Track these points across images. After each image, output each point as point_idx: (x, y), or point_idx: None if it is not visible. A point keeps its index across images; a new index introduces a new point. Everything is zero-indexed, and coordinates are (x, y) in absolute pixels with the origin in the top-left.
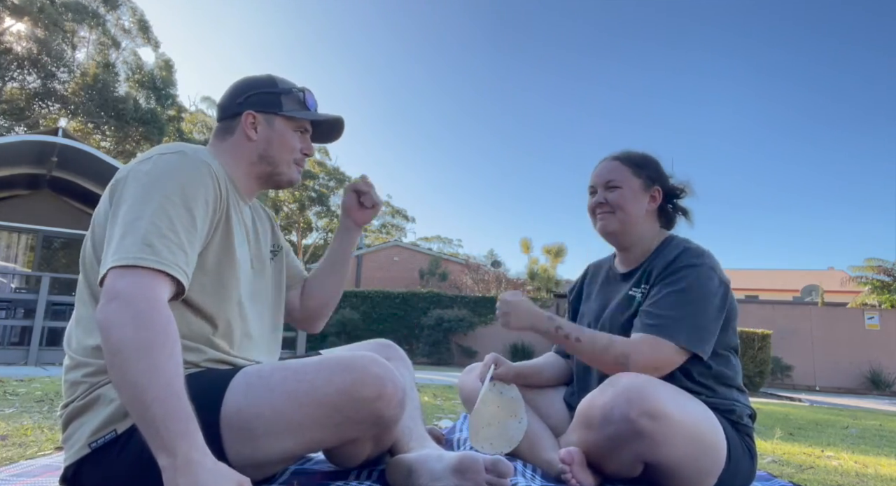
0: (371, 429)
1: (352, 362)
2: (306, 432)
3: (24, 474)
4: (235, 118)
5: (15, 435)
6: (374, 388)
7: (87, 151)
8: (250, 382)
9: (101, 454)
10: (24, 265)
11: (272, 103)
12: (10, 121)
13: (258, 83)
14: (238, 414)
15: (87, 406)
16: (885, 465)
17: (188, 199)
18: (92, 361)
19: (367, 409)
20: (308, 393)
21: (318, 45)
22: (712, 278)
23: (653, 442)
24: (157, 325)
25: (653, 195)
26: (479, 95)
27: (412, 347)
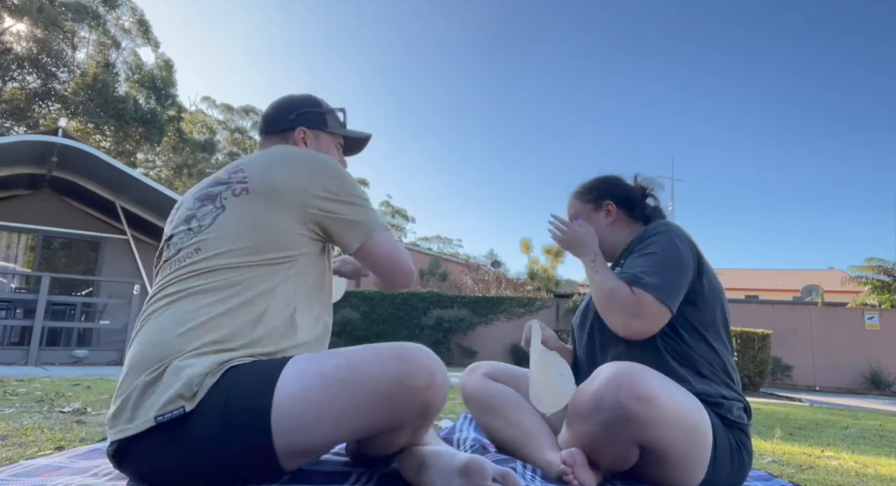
0: (418, 418)
1: (405, 353)
2: (357, 419)
3: (24, 474)
4: (286, 132)
5: (15, 435)
6: (425, 377)
7: (87, 151)
8: (303, 369)
9: (165, 429)
10: (24, 265)
11: (319, 121)
12: (10, 121)
13: (306, 102)
14: (291, 400)
15: (159, 377)
16: (885, 465)
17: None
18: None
19: (418, 397)
20: (362, 381)
21: (318, 45)
22: (677, 242)
23: (644, 425)
24: None
25: (607, 210)
26: (479, 94)
27: None
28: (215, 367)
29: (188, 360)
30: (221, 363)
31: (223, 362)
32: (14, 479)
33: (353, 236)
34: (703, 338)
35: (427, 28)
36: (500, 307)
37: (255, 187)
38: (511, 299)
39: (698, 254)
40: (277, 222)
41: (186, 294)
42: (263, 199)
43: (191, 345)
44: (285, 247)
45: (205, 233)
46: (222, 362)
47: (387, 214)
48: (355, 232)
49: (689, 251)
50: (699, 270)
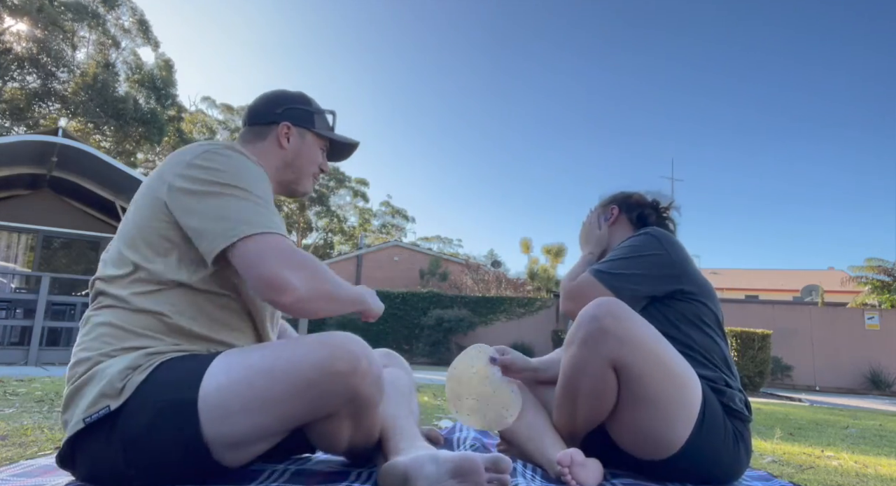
0: (347, 406)
1: (328, 339)
2: (282, 407)
3: (24, 474)
4: (270, 126)
5: (15, 435)
6: (348, 362)
7: (87, 151)
8: (230, 362)
9: (94, 429)
10: (24, 265)
11: (306, 119)
12: (10, 121)
13: (295, 98)
14: (217, 392)
15: (84, 383)
16: (885, 465)
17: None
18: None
19: (341, 383)
20: (284, 369)
21: (318, 45)
22: (651, 243)
23: (618, 340)
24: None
25: (612, 212)
26: (479, 94)
27: (412, 347)
28: (141, 361)
29: (111, 360)
30: (148, 355)
31: (150, 354)
32: (14, 479)
33: (212, 237)
34: (698, 328)
35: (427, 28)
36: (500, 307)
37: (144, 185)
38: (511, 299)
39: (683, 255)
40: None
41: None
42: (143, 198)
43: (112, 347)
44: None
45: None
46: (149, 355)
47: (387, 215)
48: (216, 230)
49: (660, 246)
50: (685, 269)
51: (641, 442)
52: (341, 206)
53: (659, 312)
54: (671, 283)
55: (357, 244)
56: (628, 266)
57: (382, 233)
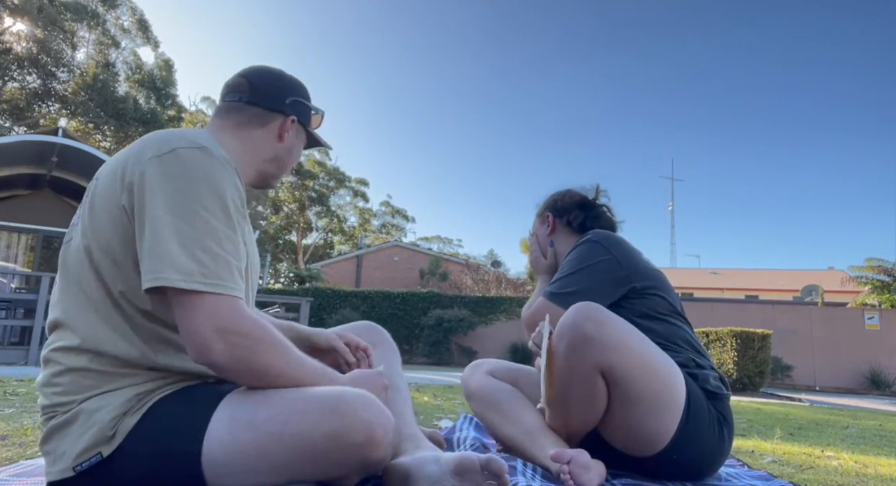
0: (358, 470)
1: (341, 405)
2: (291, 471)
3: (24, 473)
4: (275, 114)
5: (15, 435)
6: (362, 434)
7: (87, 151)
8: (234, 417)
9: (86, 477)
10: (24, 265)
11: (307, 117)
12: (10, 121)
13: (303, 91)
14: (221, 448)
15: (69, 421)
16: (885, 465)
17: (228, 209)
18: (90, 368)
19: (355, 453)
20: (294, 436)
21: (318, 45)
22: (595, 250)
23: (601, 346)
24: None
25: (548, 221)
26: (479, 95)
27: (412, 347)
28: (132, 403)
29: (96, 400)
30: (138, 396)
31: (139, 395)
32: (14, 479)
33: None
34: (656, 319)
35: (428, 27)
36: (500, 307)
37: (99, 185)
38: (511, 299)
39: (627, 251)
40: (110, 229)
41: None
42: (101, 200)
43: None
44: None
45: (78, 239)
46: (139, 395)
47: (387, 215)
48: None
49: (605, 252)
50: (633, 265)
51: (633, 440)
52: (341, 206)
53: (615, 313)
54: (623, 284)
55: (357, 244)
56: (579, 281)
57: (382, 233)
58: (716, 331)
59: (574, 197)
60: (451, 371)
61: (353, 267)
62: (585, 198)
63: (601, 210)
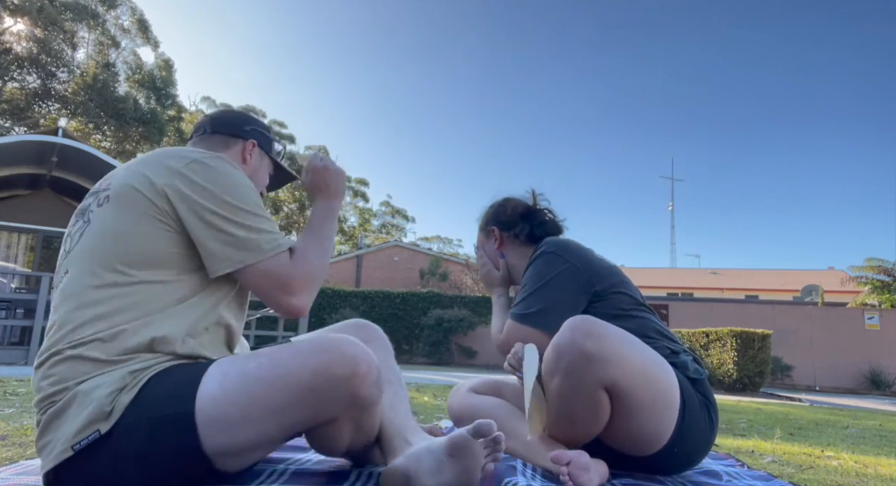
0: (349, 409)
1: (325, 344)
2: (283, 415)
3: (25, 473)
4: (237, 139)
5: (15, 435)
6: (347, 367)
7: (87, 151)
8: (225, 371)
9: (85, 455)
10: (24, 265)
11: (268, 144)
12: (10, 121)
13: (261, 123)
14: (213, 403)
15: (66, 406)
16: (885, 465)
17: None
18: (85, 356)
19: (342, 388)
20: (283, 377)
21: (317, 45)
22: (550, 262)
23: (603, 362)
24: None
25: (494, 235)
26: (479, 95)
27: (412, 347)
28: (127, 380)
29: (92, 381)
30: (133, 373)
31: (134, 372)
32: (14, 478)
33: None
34: (623, 317)
35: (427, 27)
36: None
37: (116, 192)
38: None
39: (582, 255)
40: (135, 227)
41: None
42: (122, 202)
43: (83, 366)
44: (147, 255)
45: (73, 253)
46: (133, 372)
47: (387, 215)
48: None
49: (564, 262)
50: (591, 268)
51: (635, 442)
52: (341, 206)
53: None
54: (587, 290)
55: (357, 244)
56: (544, 297)
57: (382, 233)
58: (716, 331)
59: (517, 208)
60: (452, 371)
61: (353, 267)
62: (528, 206)
63: (545, 216)
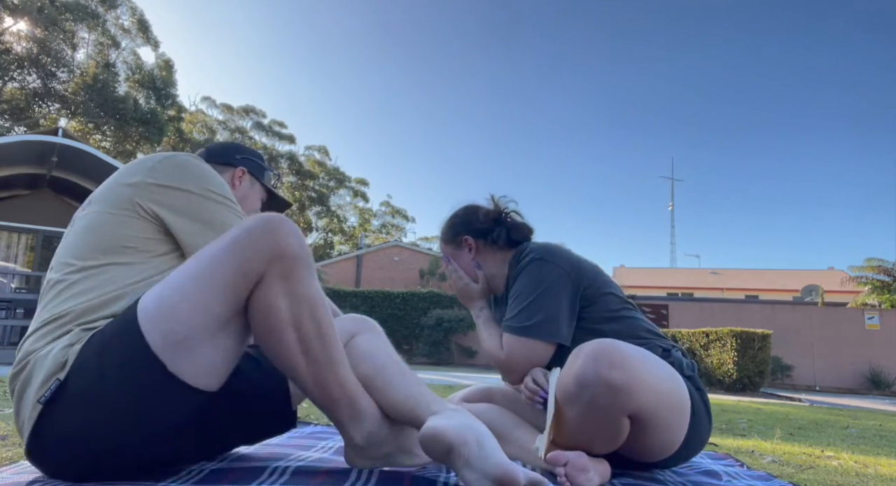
0: (273, 263)
1: (244, 219)
2: (214, 279)
3: (25, 472)
4: (227, 166)
5: (15, 435)
6: (261, 219)
7: (87, 151)
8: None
9: (53, 407)
10: (24, 265)
11: (259, 171)
12: (10, 121)
13: (252, 151)
14: (153, 299)
15: (29, 374)
16: (885, 465)
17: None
18: (49, 329)
19: (259, 237)
20: (209, 249)
21: (319, 45)
22: (542, 268)
23: (629, 392)
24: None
25: (468, 245)
26: (478, 95)
27: (412, 347)
28: (78, 336)
29: (47, 347)
30: (85, 330)
31: (86, 330)
32: (14, 478)
33: (208, 237)
34: (615, 319)
35: (428, 28)
36: None
37: (97, 195)
38: None
39: (569, 258)
40: (110, 218)
41: (41, 307)
42: (101, 202)
43: (45, 339)
44: (119, 241)
45: (58, 251)
46: (85, 330)
47: (387, 215)
48: (212, 233)
49: (557, 269)
50: (579, 271)
51: (649, 452)
52: (341, 206)
53: (578, 326)
54: (577, 294)
55: (357, 244)
56: (545, 306)
57: (382, 233)
58: (716, 331)
59: (489, 213)
60: (452, 371)
61: (353, 267)
62: (497, 211)
63: (516, 218)
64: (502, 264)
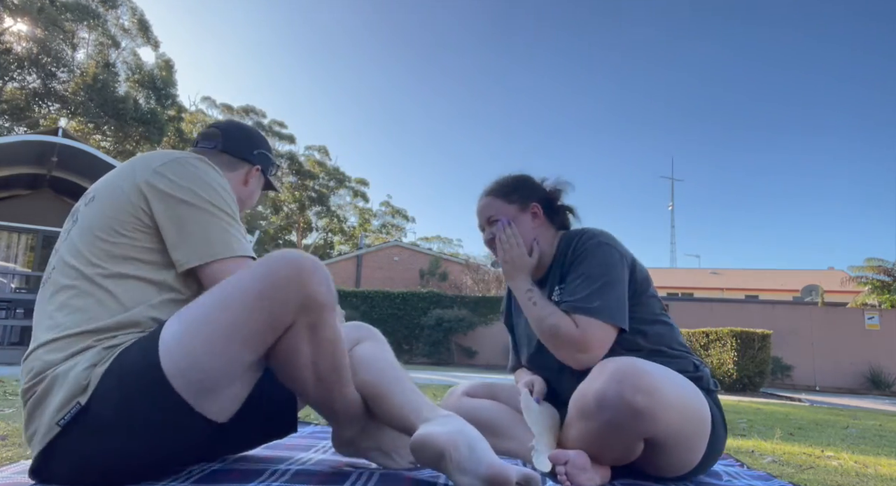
0: (302, 313)
1: (271, 256)
2: (241, 330)
3: (25, 472)
4: (243, 162)
5: (15, 435)
6: (291, 267)
7: (87, 151)
8: (180, 314)
9: (69, 431)
10: (24, 265)
11: (269, 166)
12: (10, 121)
13: (265, 143)
14: (174, 341)
15: (46, 391)
16: (885, 465)
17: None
18: (62, 345)
19: (290, 288)
20: (233, 294)
21: (318, 45)
22: (610, 253)
23: (652, 418)
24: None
25: (533, 212)
26: (478, 95)
27: (412, 347)
28: (101, 355)
29: (68, 362)
30: (106, 350)
31: (108, 348)
32: (14, 478)
33: (189, 251)
34: (658, 322)
35: (427, 27)
36: (500, 307)
37: (101, 191)
38: None
39: (628, 254)
40: (114, 223)
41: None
42: (103, 200)
43: (62, 352)
44: (124, 249)
45: (61, 249)
46: (107, 349)
47: (387, 215)
48: (195, 247)
49: (623, 258)
50: (633, 263)
51: (665, 470)
52: (341, 206)
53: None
54: (632, 285)
55: (357, 244)
56: (617, 291)
57: (382, 233)
58: (716, 331)
59: (560, 188)
60: (452, 371)
61: (353, 267)
62: (559, 190)
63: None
64: (550, 244)
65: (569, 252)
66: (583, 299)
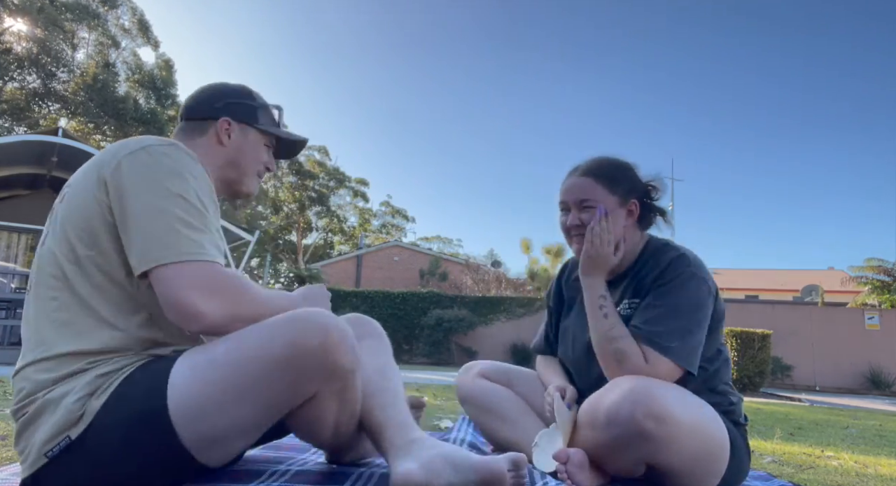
0: (328, 382)
1: (293, 316)
2: (259, 394)
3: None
4: (208, 121)
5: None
6: (318, 336)
7: (87, 151)
8: (193, 361)
9: (58, 462)
10: (24, 265)
11: (249, 114)
12: (10, 121)
13: (237, 92)
14: (187, 393)
15: (37, 414)
16: (885, 465)
17: (195, 191)
18: (51, 365)
19: (316, 358)
20: (252, 356)
21: (317, 45)
22: (701, 289)
23: (658, 445)
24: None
25: (630, 209)
26: (479, 95)
27: (412, 347)
28: (97, 384)
29: (60, 387)
30: (101, 377)
31: (102, 375)
32: (14, 478)
33: (137, 255)
34: (713, 358)
35: (428, 27)
36: (500, 307)
37: (73, 187)
38: (511, 299)
39: (714, 287)
40: (86, 224)
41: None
42: (75, 197)
43: (51, 373)
44: (100, 256)
45: (41, 253)
46: (101, 375)
47: (387, 215)
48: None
49: (710, 295)
50: (714, 304)
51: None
52: (341, 206)
53: None
54: (711, 323)
55: (357, 244)
56: (698, 335)
57: (382, 233)
58: None
59: (658, 187)
60: (452, 371)
61: (353, 267)
62: (657, 189)
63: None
64: (634, 246)
65: (655, 268)
66: (661, 335)
